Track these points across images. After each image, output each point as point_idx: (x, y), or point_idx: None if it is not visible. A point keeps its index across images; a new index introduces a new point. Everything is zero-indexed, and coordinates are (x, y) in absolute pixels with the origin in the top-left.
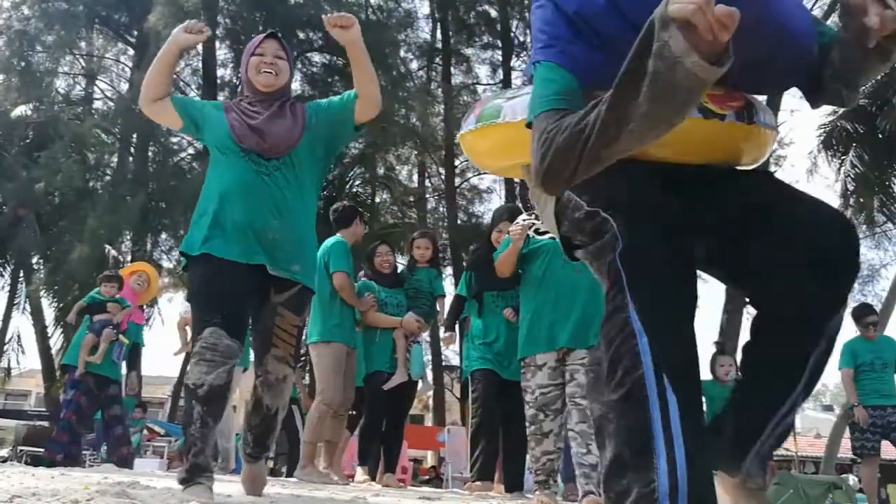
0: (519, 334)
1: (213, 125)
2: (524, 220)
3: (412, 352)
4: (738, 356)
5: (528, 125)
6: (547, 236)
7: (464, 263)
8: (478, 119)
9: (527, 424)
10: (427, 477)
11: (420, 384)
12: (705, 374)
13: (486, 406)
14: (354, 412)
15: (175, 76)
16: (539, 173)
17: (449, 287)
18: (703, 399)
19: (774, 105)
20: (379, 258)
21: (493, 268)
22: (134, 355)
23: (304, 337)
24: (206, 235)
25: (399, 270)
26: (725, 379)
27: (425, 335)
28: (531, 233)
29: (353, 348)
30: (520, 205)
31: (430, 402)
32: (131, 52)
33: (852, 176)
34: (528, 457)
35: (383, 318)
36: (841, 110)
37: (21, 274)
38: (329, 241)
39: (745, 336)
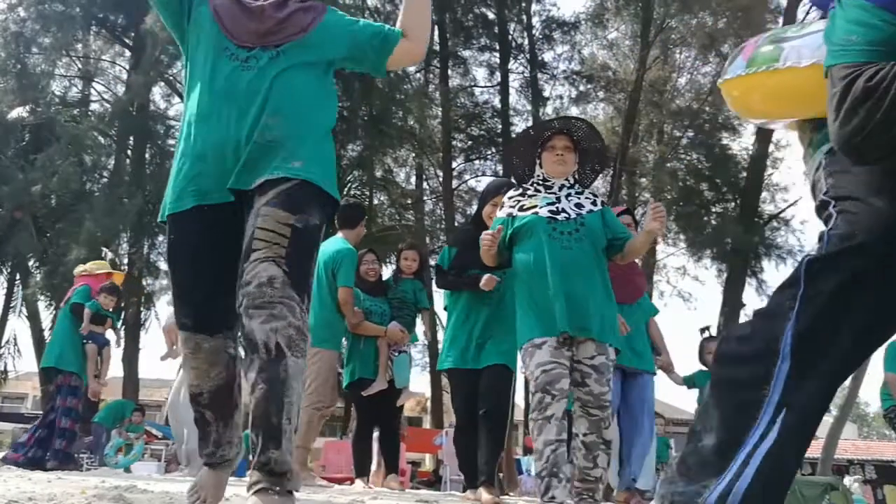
0: (517, 322)
1: (195, 21)
2: (493, 230)
3: (396, 361)
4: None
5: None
6: (531, 211)
7: None
8: (748, 62)
9: (531, 412)
10: (428, 479)
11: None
12: (696, 363)
13: (463, 411)
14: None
15: (172, 79)
16: (848, 132)
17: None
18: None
19: None
20: (365, 266)
21: (477, 247)
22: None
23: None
24: (172, 190)
25: (385, 279)
26: None
27: (420, 338)
28: (516, 211)
29: (340, 353)
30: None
31: (429, 404)
32: (128, 54)
33: None
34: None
35: (369, 327)
36: None
37: (17, 277)
38: (337, 245)
39: None
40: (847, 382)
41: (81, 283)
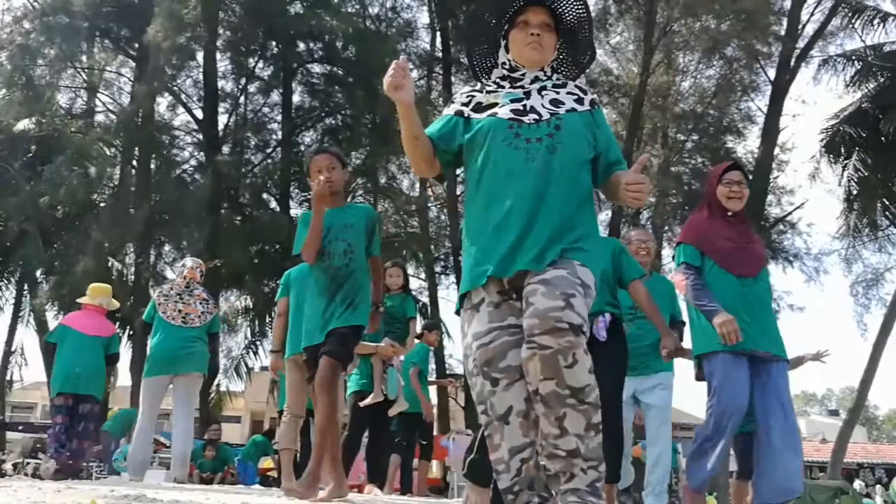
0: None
1: None
2: None
3: (390, 374)
4: None
5: None
6: (487, 113)
7: None
8: None
9: (477, 407)
10: (437, 486)
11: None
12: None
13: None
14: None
15: (176, 89)
16: None
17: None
18: None
19: (776, 110)
20: None
21: None
22: None
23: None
24: None
25: None
26: None
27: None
28: (469, 111)
29: None
30: None
31: (435, 410)
32: (132, 64)
33: (855, 180)
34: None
35: (362, 345)
36: (843, 114)
37: (25, 287)
38: None
39: None
40: (856, 386)
41: (96, 317)
